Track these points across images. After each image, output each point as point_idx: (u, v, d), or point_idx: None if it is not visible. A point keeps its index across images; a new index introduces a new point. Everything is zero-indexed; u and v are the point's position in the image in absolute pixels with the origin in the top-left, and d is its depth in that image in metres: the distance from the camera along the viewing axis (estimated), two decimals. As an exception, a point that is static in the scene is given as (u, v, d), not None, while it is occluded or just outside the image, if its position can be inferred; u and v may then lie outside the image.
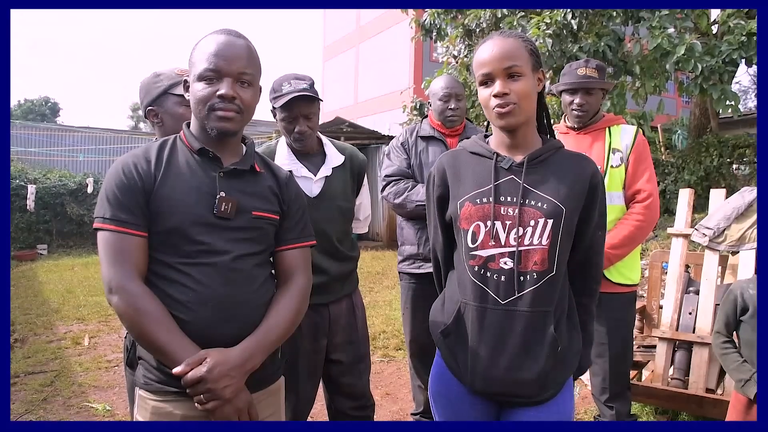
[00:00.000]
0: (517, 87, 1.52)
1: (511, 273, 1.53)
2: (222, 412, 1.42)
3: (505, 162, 1.60)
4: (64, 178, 13.38)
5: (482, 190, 1.59)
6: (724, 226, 3.55)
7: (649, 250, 7.70)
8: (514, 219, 1.54)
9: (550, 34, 7.35)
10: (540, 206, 1.54)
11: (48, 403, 3.95)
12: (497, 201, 1.56)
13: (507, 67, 1.51)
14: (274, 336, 1.55)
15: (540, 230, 1.53)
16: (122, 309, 1.43)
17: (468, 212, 1.59)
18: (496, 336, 1.55)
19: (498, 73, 1.52)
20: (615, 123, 2.82)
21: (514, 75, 1.52)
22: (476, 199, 1.59)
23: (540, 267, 1.53)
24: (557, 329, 1.55)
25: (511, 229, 1.54)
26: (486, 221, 1.56)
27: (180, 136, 1.62)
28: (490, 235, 1.56)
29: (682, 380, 3.27)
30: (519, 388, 1.56)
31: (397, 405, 3.92)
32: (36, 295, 7.78)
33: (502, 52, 1.52)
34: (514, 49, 1.53)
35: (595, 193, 1.59)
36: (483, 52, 1.56)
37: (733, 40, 6.97)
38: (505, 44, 1.54)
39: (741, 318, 2.39)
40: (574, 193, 1.56)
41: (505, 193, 1.57)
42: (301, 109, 2.29)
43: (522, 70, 1.52)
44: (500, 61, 1.52)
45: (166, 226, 1.49)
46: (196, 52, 1.55)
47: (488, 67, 1.54)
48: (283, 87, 2.28)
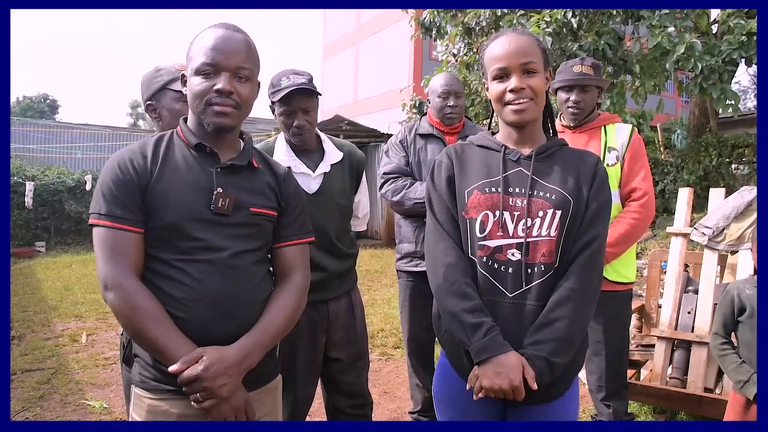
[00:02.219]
0: (533, 83, 1.54)
1: (519, 265, 1.53)
2: (218, 411, 1.41)
3: (514, 154, 1.62)
4: (62, 176, 13.35)
5: (491, 180, 1.59)
6: (724, 225, 3.55)
7: (648, 249, 7.70)
8: (522, 210, 1.55)
9: (550, 32, 7.33)
10: (548, 197, 1.54)
11: (45, 400, 3.94)
12: (506, 192, 1.57)
13: (524, 62, 1.53)
14: (271, 334, 1.54)
15: (549, 221, 1.53)
16: (118, 306, 1.41)
17: (477, 201, 1.58)
18: (504, 330, 1.52)
19: (515, 68, 1.54)
20: (610, 122, 2.82)
21: (530, 71, 1.54)
22: (485, 188, 1.59)
23: (548, 259, 1.53)
24: None
25: (519, 220, 1.54)
26: (495, 211, 1.56)
27: (177, 131, 1.61)
28: (498, 225, 1.55)
29: (681, 379, 3.27)
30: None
31: (395, 403, 3.91)
32: (34, 293, 7.76)
33: (519, 48, 1.54)
34: (529, 46, 1.55)
35: (599, 184, 1.60)
36: (498, 46, 1.57)
37: (733, 39, 6.98)
38: (521, 41, 1.56)
39: (739, 319, 2.39)
40: (580, 185, 1.57)
41: (513, 184, 1.58)
42: (300, 103, 2.28)
43: (537, 66, 1.55)
44: (517, 57, 1.53)
45: (163, 222, 1.48)
46: (194, 46, 1.53)
47: (505, 62, 1.55)
48: (282, 81, 2.28)
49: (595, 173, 1.60)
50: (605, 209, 1.61)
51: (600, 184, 1.60)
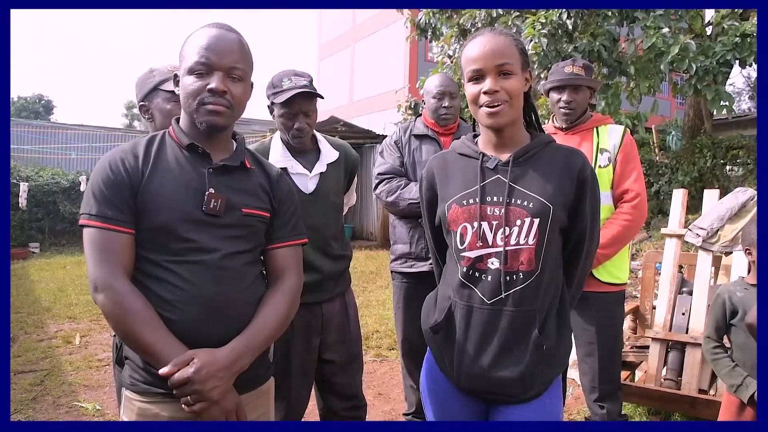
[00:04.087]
0: (508, 85, 1.50)
1: (497, 273, 1.52)
2: (209, 414, 1.40)
3: (491, 162, 1.58)
4: (56, 176, 13.29)
5: (469, 191, 1.58)
6: (718, 226, 3.55)
7: (643, 250, 7.72)
8: (500, 219, 1.53)
9: (545, 33, 7.35)
10: (526, 205, 1.52)
11: (37, 402, 3.92)
12: (483, 201, 1.55)
13: (499, 64, 1.49)
14: (263, 336, 1.53)
15: (527, 229, 1.51)
16: (108, 308, 1.40)
17: (455, 214, 1.58)
18: (481, 335, 1.55)
19: (489, 70, 1.50)
20: (603, 123, 2.83)
21: (505, 73, 1.50)
22: (462, 200, 1.58)
23: (527, 267, 1.51)
24: (544, 328, 1.54)
25: (497, 229, 1.53)
26: (473, 222, 1.55)
27: (169, 131, 1.59)
28: (477, 235, 1.54)
29: (675, 381, 3.27)
30: (502, 387, 1.56)
31: (390, 405, 3.90)
32: (27, 294, 7.73)
33: (494, 49, 1.50)
34: (505, 47, 1.51)
35: (584, 187, 1.55)
36: (473, 48, 1.53)
37: (727, 41, 7.00)
38: (497, 41, 1.51)
39: (731, 322, 2.39)
40: (562, 190, 1.53)
41: (491, 194, 1.55)
42: (302, 106, 2.28)
43: (513, 68, 1.50)
44: (492, 58, 1.49)
45: (154, 223, 1.46)
46: (187, 45, 1.52)
47: (479, 64, 1.51)
48: (284, 83, 2.26)
49: (581, 181, 1.55)
50: (594, 213, 1.61)
51: (585, 192, 1.56)
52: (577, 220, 1.57)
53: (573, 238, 1.60)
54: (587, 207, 1.57)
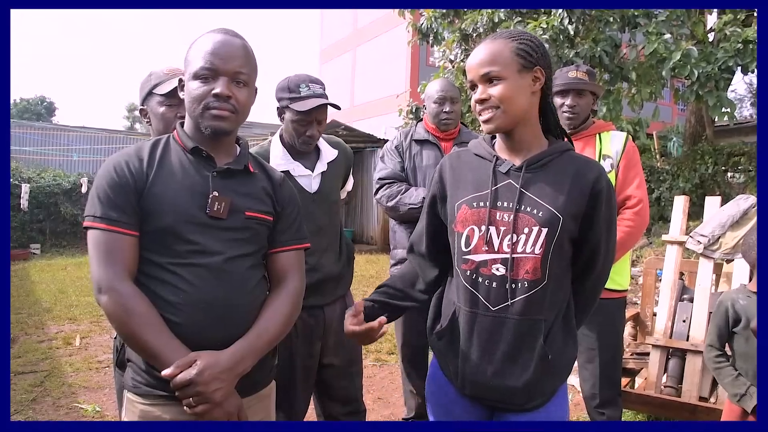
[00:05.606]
0: (495, 92, 1.50)
1: (503, 280, 1.51)
2: (211, 416, 1.40)
3: (504, 166, 1.57)
4: (58, 178, 13.32)
5: (480, 194, 1.57)
6: (719, 233, 3.54)
7: (644, 257, 7.71)
8: (508, 225, 1.52)
9: (546, 39, 7.35)
10: (535, 213, 1.50)
11: (37, 403, 3.92)
12: (494, 206, 1.54)
13: (484, 73, 1.51)
14: (265, 339, 1.53)
15: (534, 238, 1.49)
16: (111, 309, 1.41)
17: (464, 215, 1.57)
18: (485, 342, 1.54)
19: (478, 80, 1.53)
20: (605, 129, 2.83)
21: (492, 80, 1.51)
22: (473, 202, 1.57)
23: (532, 276, 1.50)
24: (549, 337, 1.53)
25: (505, 235, 1.52)
26: (481, 225, 1.54)
27: (173, 135, 1.61)
28: (483, 240, 1.54)
29: (675, 388, 3.27)
30: (506, 396, 1.55)
31: (389, 410, 3.90)
32: (28, 295, 7.74)
33: (481, 59, 1.52)
34: (495, 54, 1.51)
35: (598, 200, 1.53)
36: (469, 59, 1.57)
37: (729, 47, 7.00)
38: (487, 49, 1.52)
39: (734, 330, 2.38)
40: (574, 201, 1.51)
41: (502, 198, 1.55)
42: (317, 115, 2.30)
43: (500, 73, 1.49)
44: (478, 68, 1.52)
45: (158, 226, 1.47)
46: (193, 50, 1.53)
47: (470, 74, 1.55)
48: (302, 89, 2.27)
49: (594, 193, 1.52)
50: (610, 225, 1.58)
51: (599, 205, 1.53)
52: (590, 233, 1.54)
53: (586, 250, 1.57)
54: (601, 220, 1.54)
